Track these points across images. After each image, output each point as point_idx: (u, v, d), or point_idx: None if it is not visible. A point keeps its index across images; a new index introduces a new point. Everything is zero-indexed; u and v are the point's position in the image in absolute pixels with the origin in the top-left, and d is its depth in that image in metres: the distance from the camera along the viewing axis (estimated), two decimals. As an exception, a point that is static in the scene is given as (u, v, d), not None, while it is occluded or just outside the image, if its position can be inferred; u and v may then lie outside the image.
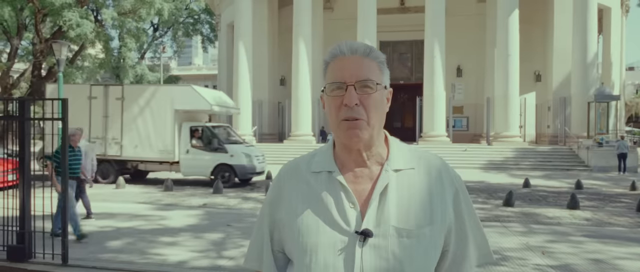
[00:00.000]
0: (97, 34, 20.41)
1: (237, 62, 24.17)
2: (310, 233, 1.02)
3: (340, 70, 1.04)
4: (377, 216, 1.00)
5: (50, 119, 5.26)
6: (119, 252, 5.88)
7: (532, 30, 25.47)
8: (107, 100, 13.99)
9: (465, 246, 1.08)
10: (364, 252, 0.98)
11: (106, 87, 14.35)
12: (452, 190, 1.07)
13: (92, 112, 13.98)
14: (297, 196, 1.07)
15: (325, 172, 1.06)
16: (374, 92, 1.03)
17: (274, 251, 1.11)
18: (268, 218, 1.11)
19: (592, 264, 5.59)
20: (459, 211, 1.06)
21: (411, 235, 0.99)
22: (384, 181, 1.02)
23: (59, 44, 8.36)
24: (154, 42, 38.61)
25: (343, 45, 1.06)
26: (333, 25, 27.32)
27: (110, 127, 13.93)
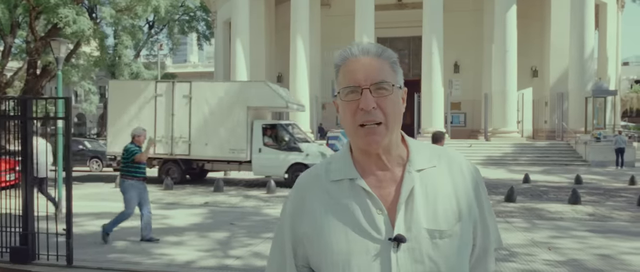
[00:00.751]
0: (94, 31, 20.23)
1: (234, 59, 24.05)
2: (340, 245, 0.99)
3: (353, 73, 1.01)
4: (407, 220, 0.98)
5: (53, 118, 5.18)
6: (124, 252, 5.82)
7: (529, 26, 25.49)
8: (173, 97, 13.43)
9: (488, 238, 1.08)
10: (399, 258, 0.96)
11: (172, 84, 13.84)
12: (474, 184, 1.06)
13: (157, 110, 13.47)
14: (320, 207, 1.03)
15: (347, 179, 1.03)
16: (390, 94, 1.01)
17: (299, 267, 1.07)
18: (290, 233, 1.06)
19: (600, 260, 5.59)
20: (480, 203, 1.06)
21: (444, 235, 0.98)
22: (409, 184, 1.01)
23: (57, 41, 8.22)
24: (149, 39, 38.36)
25: (354, 47, 1.04)
26: (330, 21, 27.22)
27: (177, 126, 13.36)
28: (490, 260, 1.10)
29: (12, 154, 5.78)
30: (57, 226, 5.01)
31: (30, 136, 5.23)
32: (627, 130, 37.09)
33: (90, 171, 17.97)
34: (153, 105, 13.50)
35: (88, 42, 22.71)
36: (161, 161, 13.71)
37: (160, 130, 13.36)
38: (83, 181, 14.45)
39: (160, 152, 13.31)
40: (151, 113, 13.44)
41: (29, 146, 5.20)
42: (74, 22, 17.68)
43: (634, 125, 44.86)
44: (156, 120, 13.38)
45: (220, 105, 13.11)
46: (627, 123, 42.96)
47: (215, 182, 12.39)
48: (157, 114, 13.45)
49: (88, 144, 19.30)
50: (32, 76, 22.73)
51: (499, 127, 22.19)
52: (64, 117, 5.14)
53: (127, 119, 13.35)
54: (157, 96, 13.49)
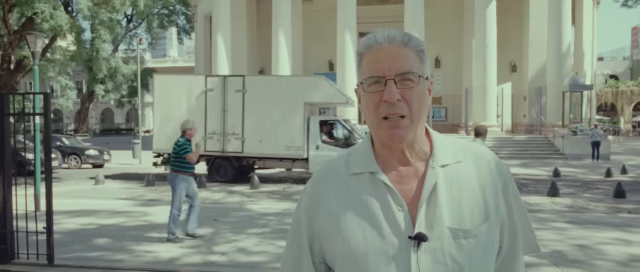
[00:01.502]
0: (70, 25, 19.76)
1: (215, 54, 23.81)
2: (358, 241, 0.93)
3: (377, 63, 0.94)
4: (429, 218, 0.92)
5: (31, 114, 5.05)
6: (105, 250, 5.72)
7: (507, 21, 25.88)
8: (225, 92, 12.93)
9: (517, 240, 1.01)
10: (420, 258, 0.90)
11: (225, 78, 13.36)
12: (502, 181, 0.99)
13: (208, 106, 12.98)
14: (338, 201, 0.98)
15: (367, 173, 0.98)
16: (416, 86, 0.93)
17: (315, 263, 1.02)
18: (306, 227, 1.01)
19: (578, 250, 5.73)
20: (509, 203, 0.99)
21: (468, 235, 0.92)
22: (432, 179, 0.94)
23: (33, 35, 7.99)
24: (128, 33, 37.69)
25: (379, 34, 0.96)
26: (312, 16, 27.16)
27: (229, 122, 12.89)
28: (519, 264, 1.02)
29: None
30: (37, 224, 4.89)
31: (8, 133, 5.09)
32: (602, 124, 38.09)
33: (68, 167, 17.61)
34: (203, 100, 12.99)
35: (64, 36, 22.20)
36: (211, 159, 13.18)
37: (211, 126, 12.91)
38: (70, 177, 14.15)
39: (211, 149, 12.85)
40: (201, 108, 12.94)
41: (6, 143, 5.05)
42: (51, 17, 17.24)
43: (608, 119, 46.11)
44: (206, 115, 12.91)
45: (275, 101, 12.62)
46: (602, 117, 44.10)
47: (196, 178, 12.26)
48: (207, 110, 12.96)
49: (66, 141, 18.87)
50: (6, 71, 22.12)
51: (479, 121, 22.47)
52: (43, 113, 5.00)
53: (174, 114, 12.72)
54: (207, 91, 13.01)
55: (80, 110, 40.90)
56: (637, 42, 65.13)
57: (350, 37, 21.94)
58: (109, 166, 18.29)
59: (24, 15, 20.19)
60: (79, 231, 6.80)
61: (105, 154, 18.48)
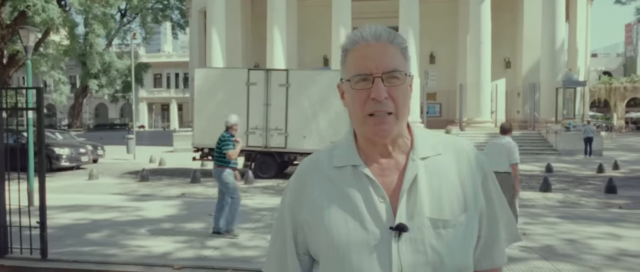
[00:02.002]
0: (63, 19, 19.61)
1: (210, 49, 23.73)
2: (341, 232, 0.95)
3: (364, 60, 0.95)
4: (409, 209, 0.95)
5: (24, 109, 5.04)
6: (99, 245, 5.73)
7: (502, 17, 25.95)
8: (268, 86, 12.67)
9: (496, 230, 1.03)
10: (401, 248, 0.92)
11: (268, 72, 13.02)
12: (482, 174, 1.02)
13: (250, 100, 12.70)
14: (321, 194, 1.00)
15: (350, 166, 1.00)
16: (402, 84, 0.96)
17: (299, 254, 1.04)
18: (290, 220, 1.04)
19: (568, 245, 5.81)
20: (488, 194, 1.02)
21: (448, 225, 0.95)
22: (413, 171, 0.97)
23: (26, 30, 7.94)
24: (121, 28, 37.44)
25: (365, 31, 0.97)
26: (307, 12, 27.11)
27: (272, 116, 12.65)
28: (498, 253, 1.04)
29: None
30: (31, 219, 4.90)
31: (1, 128, 5.08)
32: (595, 120, 38.38)
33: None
34: (245, 94, 12.76)
35: (57, 30, 22.03)
36: (253, 154, 12.92)
37: (253, 121, 12.71)
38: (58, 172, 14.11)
39: (253, 145, 12.65)
40: (243, 103, 12.69)
41: (0, 137, 5.05)
42: (43, 10, 17.11)
43: (601, 116, 46.45)
44: (249, 110, 12.69)
45: (319, 95, 12.37)
46: (595, 113, 44.41)
47: (192, 174, 12.28)
48: (249, 104, 12.72)
49: (59, 136, 18.77)
50: (-2, 66, 21.94)
51: (473, 117, 22.63)
52: (36, 107, 5.00)
53: (216, 109, 12.49)
54: (250, 85, 12.76)
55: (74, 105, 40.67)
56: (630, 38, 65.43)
57: (345, 32, 21.90)
58: (103, 161, 18.23)
59: (16, 9, 20.02)
60: (73, 225, 6.80)
61: (98, 150, 18.41)
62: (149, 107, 59.26)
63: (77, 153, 15.06)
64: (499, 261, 1.05)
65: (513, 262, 5.09)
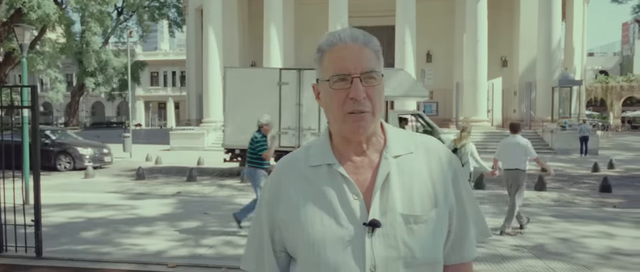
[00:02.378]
0: (59, 17, 19.54)
1: (206, 47, 23.71)
2: (316, 229, 0.99)
3: (342, 61, 0.99)
4: (382, 205, 0.98)
5: (19, 107, 5.03)
6: (93, 243, 5.74)
7: (498, 16, 26.01)
8: (300, 86, 12.44)
9: (466, 225, 1.07)
10: (374, 242, 0.96)
11: (300, 71, 12.69)
12: (451, 172, 1.06)
13: (282, 100, 12.48)
14: (297, 193, 1.04)
15: (325, 165, 1.04)
16: (378, 84, 1.00)
17: (276, 251, 1.08)
18: (267, 219, 1.08)
19: (561, 243, 5.85)
20: (458, 191, 1.06)
21: (419, 220, 0.98)
22: (385, 169, 1.01)
23: (21, 27, 7.92)
24: (118, 26, 37.32)
25: (343, 33, 1.01)
26: (304, 10, 27.10)
27: (304, 117, 12.43)
28: (468, 247, 1.08)
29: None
30: (26, 217, 4.90)
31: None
32: (592, 119, 38.51)
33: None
34: (277, 94, 12.52)
35: (54, 28, 21.96)
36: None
37: (285, 121, 12.50)
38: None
39: (286, 145, 12.32)
40: (275, 103, 12.48)
41: (-8, 135, 5.04)
42: (38, 6, 17.05)
43: (598, 115, 46.60)
44: (281, 110, 12.47)
45: None
46: (591, 112, 44.58)
47: (188, 172, 12.27)
48: (281, 104, 12.51)
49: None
50: (-6, 63, 21.85)
51: (470, 116, 22.68)
52: (30, 106, 4.99)
53: (247, 109, 12.28)
54: (282, 84, 12.51)
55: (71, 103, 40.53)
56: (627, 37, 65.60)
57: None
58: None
59: (12, 6, 19.95)
60: (68, 224, 6.81)
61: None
62: (146, 106, 59.12)
63: (100, 153, 14.99)
64: (468, 256, 1.09)
65: (506, 260, 5.12)
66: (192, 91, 30.92)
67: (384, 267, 0.96)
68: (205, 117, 23.89)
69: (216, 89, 23.54)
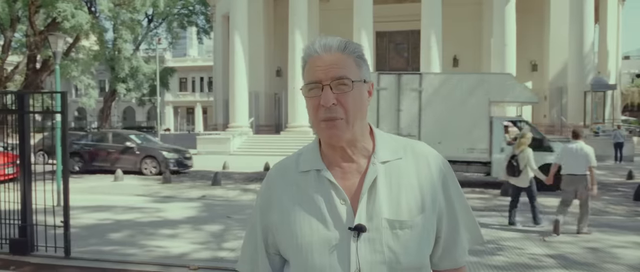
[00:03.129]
0: (92, 25, 20.23)
1: (232, 53, 24.07)
2: (304, 233, 1.01)
3: (314, 70, 1.02)
4: (369, 210, 1.00)
5: (50, 112, 5.23)
6: (120, 244, 5.90)
7: (528, 19, 25.45)
8: (400, 91, 12.10)
9: (457, 230, 1.08)
10: (359, 247, 0.98)
11: (399, 76, 12.37)
12: (441, 175, 1.06)
13: (380, 105, 12.09)
14: (288, 198, 1.06)
15: (314, 170, 1.06)
16: (350, 90, 1.01)
17: (270, 254, 1.11)
18: (260, 223, 1.11)
19: (590, 253, 5.66)
20: (448, 196, 1.06)
21: (404, 226, 1.00)
22: (372, 174, 1.02)
23: (54, 36, 8.27)
24: (148, 33, 38.29)
25: (316, 43, 1.04)
26: (329, 16, 27.19)
27: (404, 122, 12.08)
28: (459, 253, 1.09)
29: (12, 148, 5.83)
30: (56, 218, 5.09)
31: (28, 130, 5.30)
32: (628, 124, 37.09)
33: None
34: (375, 99, 12.04)
35: (87, 36, 22.73)
36: None
37: (383, 128, 12.13)
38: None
39: None
40: (372, 108, 11.98)
41: (26, 140, 5.26)
42: (72, 16, 17.69)
43: (634, 120, 44.86)
44: (378, 116, 12.12)
45: (456, 100, 11.80)
46: (627, 117, 42.93)
47: (213, 176, 12.46)
48: (379, 110, 12.13)
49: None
50: (32, 70, 22.75)
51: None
52: (61, 111, 5.19)
53: None
54: (379, 90, 12.13)
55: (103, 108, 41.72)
56: (665, 40, 62.93)
57: (366, 36, 21.90)
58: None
59: (49, 16, 20.76)
60: (96, 225, 7.02)
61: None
62: (175, 111, 60.39)
63: (183, 157, 15.23)
64: (460, 261, 1.09)
65: (529, 269, 4.99)
66: (219, 96, 31.43)
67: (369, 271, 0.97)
68: (231, 122, 24.21)
69: (242, 94, 23.86)
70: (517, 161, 7.18)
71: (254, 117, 25.63)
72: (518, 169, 7.16)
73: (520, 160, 7.16)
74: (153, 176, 14.28)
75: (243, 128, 23.68)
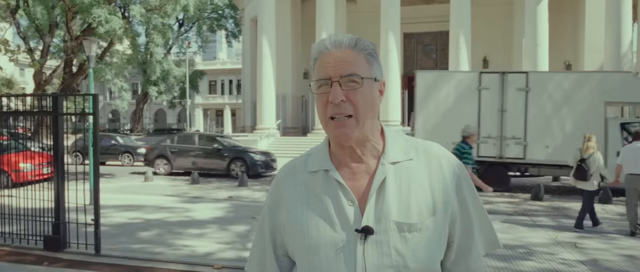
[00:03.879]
0: (125, 30, 20.86)
1: (260, 56, 24.33)
2: (311, 234, 1.00)
3: (324, 66, 1.00)
4: (377, 212, 0.97)
5: (81, 114, 5.42)
6: (148, 243, 6.04)
7: (561, 19, 24.71)
8: (503, 91, 11.48)
9: (471, 235, 1.04)
10: (366, 249, 0.96)
11: (503, 75, 11.71)
12: (454, 178, 1.03)
13: (482, 106, 11.55)
14: (296, 198, 1.05)
15: (322, 171, 1.04)
16: (359, 87, 0.98)
17: (278, 255, 1.10)
18: (268, 223, 1.10)
19: (626, 261, 5.44)
20: (462, 198, 1.03)
21: (413, 228, 0.97)
22: (381, 176, 1.00)
23: (88, 41, 8.57)
24: (179, 37, 39.19)
25: (327, 40, 1.03)
26: (356, 18, 27.13)
27: (508, 124, 11.41)
28: (474, 258, 1.05)
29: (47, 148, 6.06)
30: (88, 217, 5.26)
31: (62, 131, 5.50)
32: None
33: (121, 165, 18.58)
34: (476, 100, 11.61)
35: (121, 41, 23.44)
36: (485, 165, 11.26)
37: (485, 129, 11.51)
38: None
39: (485, 155, 11.44)
40: (473, 109, 11.59)
41: (60, 140, 5.46)
42: (106, 21, 18.29)
43: (675, 122, 42.81)
44: (480, 117, 11.52)
45: (567, 100, 11.16)
46: (668, 120, 41.04)
47: (239, 177, 12.60)
48: (481, 110, 11.57)
49: (120, 139, 19.93)
50: (68, 74, 23.64)
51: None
52: (92, 112, 5.36)
53: (441, 115, 11.71)
54: (481, 89, 11.59)
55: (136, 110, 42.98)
56: None
57: (394, 38, 21.75)
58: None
59: (85, 21, 21.54)
60: (127, 224, 7.22)
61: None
62: (204, 113, 61.46)
63: (270, 159, 15.22)
64: (475, 267, 1.05)
65: (560, 276, 4.83)
66: (247, 99, 31.81)
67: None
68: (259, 124, 24.46)
69: (269, 96, 24.07)
70: (587, 165, 7.07)
71: (281, 119, 25.81)
72: (588, 173, 7.05)
73: (590, 164, 7.09)
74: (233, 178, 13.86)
75: (270, 130, 23.88)
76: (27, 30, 26.76)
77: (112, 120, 61.24)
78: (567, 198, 10.58)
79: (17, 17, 23.80)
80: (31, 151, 10.33)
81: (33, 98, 5.95)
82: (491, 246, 1.08)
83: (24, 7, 23.28)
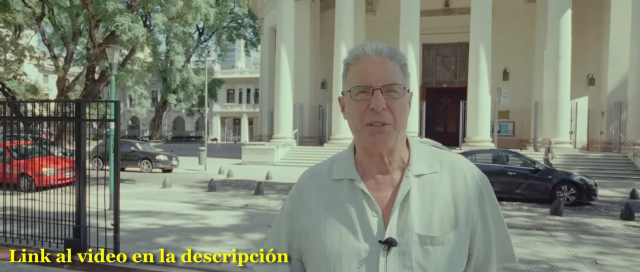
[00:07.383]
0: (147, 38, 21.28)
1: (278, 65, 24.51)
2: (333, 243, 1.00)
3: (364, 73, 1.00)
4: (400, 224, 0.98)
5: (103, 120, 5.53)
6: (165, 248, 6.10)
7: (585, 30, 24.32)
8: None
9: (490, 248, 1.05)
10: (388, 261, 0.96)
11: None
12: (477, 191, 1.04)
13: None
14: (319, 205, 1.05)
15: (347, 179, 1.04)
16: (400, 97, 1.00)
17: (292, 260, 1.10)
18: (287, 228, 1.10)
19: (649, 279, 5.28)
20: (484, 212, 1.04)
21: (435, 242, 0.97)
22: (405, 188, 1.00)
23: (111, 48, 8.78)
24: (199, 46, 39.80)
25: (367, 47, 1.03)
26: (375, 27, 27.18)
27: None
28: (492, 271, 1.07)
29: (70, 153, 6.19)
30: (106, 221, 5.35)
31: (84, 137, 5.62)
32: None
33: (140, 171, 18.84)
34: None
35: (142, 48, 23.90)
36: None
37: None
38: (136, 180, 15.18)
39: None
40: None
41: (82, 146, 5.58)
42: (129, 29, 18.68)
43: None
44: None
45: None
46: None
47: (256, 186, 12.66)
48: None
49: (139, 146, 20.24)
50: (91, 81, 24.17)
51: (549, 137, 21.26)
52: (114, 119, 5.47)
53: None
54: None
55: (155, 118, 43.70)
56: None
57: (413, 48, 21.70)
58: (177, 171, 19.34)
59: (108, 29, 22.07)
60: (144, 229, 7.31)
61: (173, 160, 19.57)
62: (222, 121, 62.08)
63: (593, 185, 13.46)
64: None
65: (581, 293, 4.71)
66: (264, 108, 32.04)
67: None
68: (276, 133, 24.58)
69: (287, 106, 24.19)
70: None
71: (298, 129, 25.89)
72: None
73: None
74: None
75: (287, 139, 23.98)
76: (51, 38, 27.54)
77: (132, 127, 62.29)
78: (587, 214, 10.33)
79: (42, 24, 24.53)
80: (54, 155, 10.58)
81: (57, 104, 6.11)
82: (507, 259, 1.09)
83: (49, 14, 23.98)
